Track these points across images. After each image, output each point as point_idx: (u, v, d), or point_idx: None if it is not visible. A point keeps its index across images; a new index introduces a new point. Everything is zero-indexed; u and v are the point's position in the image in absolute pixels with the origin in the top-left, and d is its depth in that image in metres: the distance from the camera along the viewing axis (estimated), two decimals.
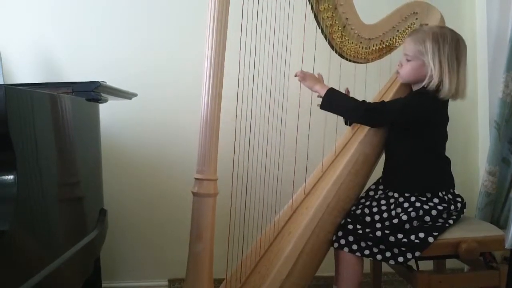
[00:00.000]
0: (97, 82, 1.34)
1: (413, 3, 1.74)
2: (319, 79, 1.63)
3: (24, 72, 1.99)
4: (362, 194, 1.62)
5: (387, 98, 1.64)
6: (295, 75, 1.62)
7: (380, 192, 1.60)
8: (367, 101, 1.58)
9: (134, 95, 1.73)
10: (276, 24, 1.51)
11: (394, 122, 1.55)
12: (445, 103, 1.53)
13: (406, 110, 1.51)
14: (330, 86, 1.58)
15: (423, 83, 1.51)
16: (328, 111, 1.58)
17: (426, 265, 1.60)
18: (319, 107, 1.57)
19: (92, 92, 1.35)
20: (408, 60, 1.55)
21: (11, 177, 0.89)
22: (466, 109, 2.13)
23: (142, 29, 2.03)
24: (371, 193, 1.62)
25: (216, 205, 1.33)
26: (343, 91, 1.68)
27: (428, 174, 1.54)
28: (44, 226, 1.02)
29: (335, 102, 1.56)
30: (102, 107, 1.52)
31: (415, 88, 1.60)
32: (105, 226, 1.50)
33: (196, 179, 1.33)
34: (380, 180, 1.64)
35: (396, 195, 1.54)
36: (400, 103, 1.54)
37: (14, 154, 0.89)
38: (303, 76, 1.61)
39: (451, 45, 1.48)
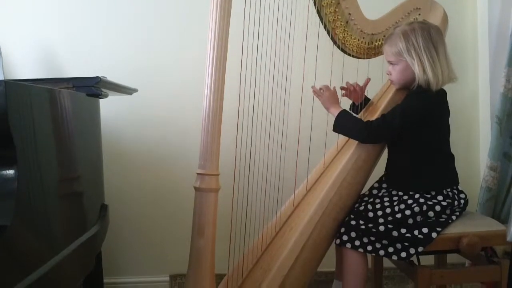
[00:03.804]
0: (97, 77, 1.34)
1: None
2: (336, 100, 1.61)
3: (25, 69, 1.98)
4: (366, 192, 1.62)
5: (389, 95, 1.64)
6: (320, 89, 1.62)
7: (383, 190, 1.59)
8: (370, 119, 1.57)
9: (135, 90, 1.73)
10: (279, 20, 1.50)
11: (397, 131, 1.53)
12: (442, 97, 1.53)
13: (406, 118, 1.49)
14: (343, 109, 1.58)
15: (415, 82, 1.50)
16: (339, 133, 1.59)
17: (427, 260, 1.60)
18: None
19: (93, 87, 1.34)
20: (393, 65, 1.55)
21: (11, 172, 0.88)
22: (468, 104, 2.13)
23: (144, 26, 2.03)
24: (375, 191, 1.61)
25: (218, 200, 1.33)
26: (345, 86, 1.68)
27: (432, 172, 1.53)
28: (45, 221, 1.02)
29: (342, 126, 1.56)
30: (102, 102, 1.52)
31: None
32: (106, 221, 1.50)
33: (198, 174, 1.32)
34: (383, 178, 1.63)
35: (400, 193, 1.53)
36: (398, 112, 1.51)
37: (15, 149, 0.89)
38: (324, 97, 1.60)
39: (423, 36, 1.49)
